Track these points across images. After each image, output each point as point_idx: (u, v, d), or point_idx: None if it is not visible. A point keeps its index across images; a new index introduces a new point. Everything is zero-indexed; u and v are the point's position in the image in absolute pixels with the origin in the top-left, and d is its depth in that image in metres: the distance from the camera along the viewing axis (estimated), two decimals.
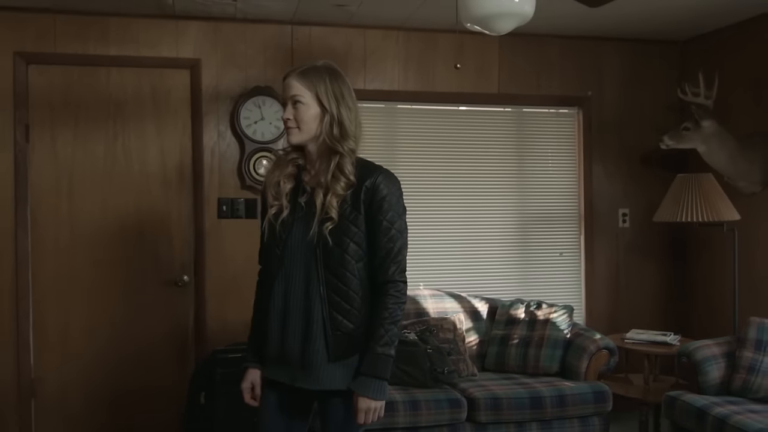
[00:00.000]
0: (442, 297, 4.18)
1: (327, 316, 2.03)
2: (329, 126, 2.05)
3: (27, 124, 3.89)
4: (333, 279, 2.03)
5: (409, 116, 4.48)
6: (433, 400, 3.44)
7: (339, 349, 2.03)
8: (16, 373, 3.84)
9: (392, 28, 4.37)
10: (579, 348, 3.82)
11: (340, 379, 2.05)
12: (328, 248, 2.03)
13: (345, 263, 2.03)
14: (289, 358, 2.07)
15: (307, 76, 2.06)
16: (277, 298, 2.08)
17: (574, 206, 4.70)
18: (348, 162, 2.05)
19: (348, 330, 2.04)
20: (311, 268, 2.05)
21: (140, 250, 4.03)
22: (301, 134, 2.07)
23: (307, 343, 2.04)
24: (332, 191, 2.03)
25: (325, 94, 2.05)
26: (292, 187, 2.12)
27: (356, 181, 2.05)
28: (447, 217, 4.49)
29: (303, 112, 2.05)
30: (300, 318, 2.05)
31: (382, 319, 2.03)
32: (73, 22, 3.93)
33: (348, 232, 2.03)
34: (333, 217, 2.01)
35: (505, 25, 2.45)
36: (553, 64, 4.62)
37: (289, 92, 2.06)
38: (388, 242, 2.05)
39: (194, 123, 4.11)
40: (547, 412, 3.53)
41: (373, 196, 2.04)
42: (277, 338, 2.08)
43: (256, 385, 2.20)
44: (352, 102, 2.11)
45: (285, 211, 2.09)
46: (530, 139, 4.65)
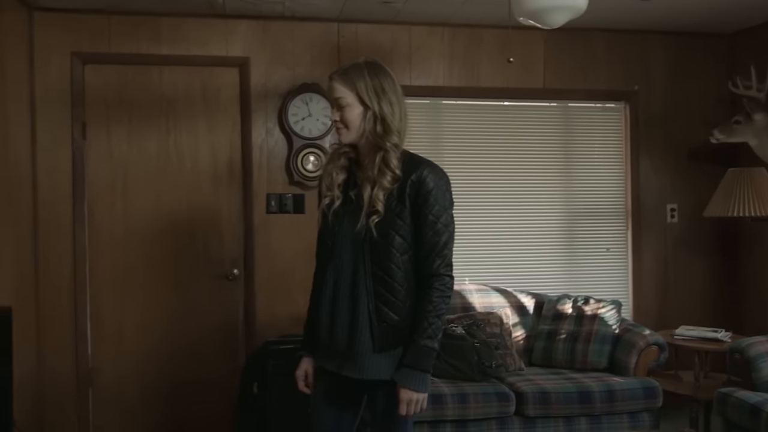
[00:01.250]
0: (488, 292, 4.19)
1: (372, 308, 2.07)
2: (372, 123, 2.09)
3: (84, 122, 4.01)
4: (379, 271, 2.07)
5: (455, 112, 4.50)
6: (482, 394, 3.45)
7: (384, 340, 2.07)
8: (75, 363, 3.97)
9: (437, 25, 4.38)
10: (628, 343, 3.80)
11: (384, 369, 2.09)
12: (374, 241, 2.07)
13: (390, 256, 2.07)
14: (336, 347, 2.12)
15: (347, 76, 2.10)
16: (327, 288, 2.14)
17: (621, 201, 4.66)
18: (393, 156, 2.08)
19: (393, 322, 2.07)
20: (358, 260, 2.09)
21: (192, 244, 4.13)
22: (350, 133, 2.12)
23: (354, 333, 2.08)
24: (379, 185, 2.06)
25: (366, 92, 2.08)
26: (344, 178, 2.18)
27: (402, 174, 2.08)
28: (493, 212, 4.49)
29: (348, 113, 2.10)
30: (347, 309, 2.10)
31: (426, 312, 2.06)
32: (127, 22, 4.04)
33: (394, 225, 2.07)
34: (379, 210, 2.05)
35: (558, 18, 2.46)
36: (598, 59, 4.59)
37: (333, 95, 2.12)
38: (433, 236, 2.07)
39: (243, 120, 4.18)
40: (596, 407, 3.51)
41: (419, 190, 2.06)
42: (326, 328, 2.14)
43: (309, 373, 2.27)
44: (394, 95, 2.12)
45: (337, 202, 2.16)
46: (576, 134, 4.62)
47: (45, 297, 3.93)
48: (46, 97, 3.95)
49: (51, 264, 3.95)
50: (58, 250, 3.96)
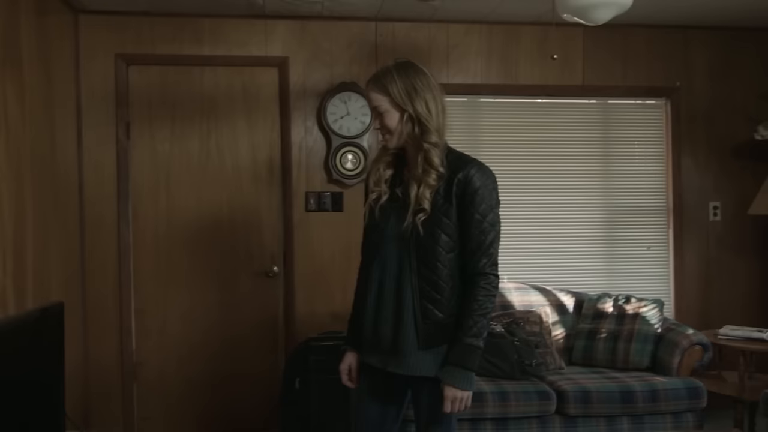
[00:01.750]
0: (527, 290, 4.17)
1: (417, 305, 2.07)
2: (410, 125, 2.10)
3: (128, 122, 4.09)
4: (424, 269, 2.08)
5: (492, 110, 4.49)
6: (522, 392, 3.44)
7: (428, 337, 2.08)
8: (120, 357, 4.06)
9: (475, 22, 4.38)
10: (671, 343, 3.75)
11: (429, 366, 2.09)
12: (420, 239, 2.07)
13: (436, 254, 2.07)
14: (381, 343, 2.14)
15: (379, 82, 2.12)
16: (373, 284, 2.16)
17: (662, 200, 4.60)
18: (434, 154, 2.08)
19: (437, 319, 2.08)
20: (404, 257, 2.10)
21: (233, 242, 4.18)
22: (394, 138, 2.14)
23: (398, 329, 2.10)
24: (424, 183, 2.07)
25: (399, 96, 2.09)
26: (391, 174, 2.21)
27: (448, 173, 2.08)
28: (531, 210, 4.47)
29: (387, 119, 2.12)
30: (392, 305, 2.12)
31: (471, 311, 2.05)
32: (169, 24, 4.11)
33: (440, 223, 2.07)
34: (426, 208, 2.06)
35: (604, 14, 2.44)
36: (639, 55, 4.53)
37: (371, 103, 2.15)
38: (479, 234, 2.07)
39: (283, 119, 4.23)
40: (638, 407, 3.47)
41: (465, 189, 2.07)
42: (370, 324, 2.17)
43: (353, 368, 2.29)
44: (429, 93, 2.11)
45: (384, 197, 2.18)
46: (616, 132, 4.58)
47: (91, 293, 4.03)
48: (91, 98, 4.05)
49: (96, 261, 4.04)
50: (104, 247, 4.05)
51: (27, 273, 3.17)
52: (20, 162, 3.14)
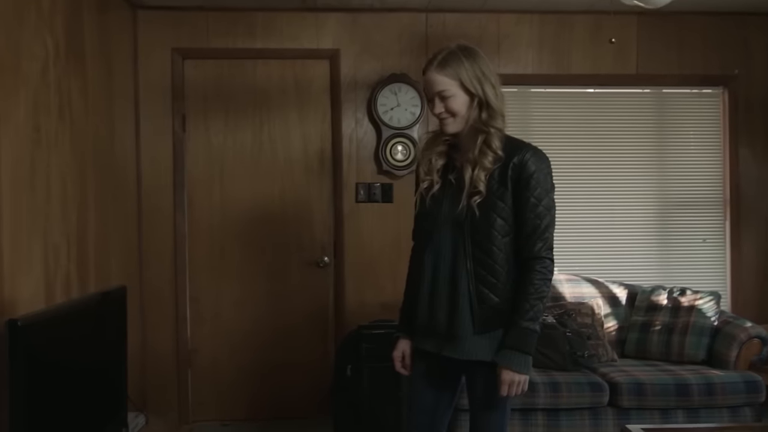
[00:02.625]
0: (579, 282, 4.13)
1: (473, 290, 2.07)
2: (478, 110, 2.09)
3: (184, 114, 4.19)
4: (479, 253, 2.07)
5: (544, 100, 4.45)
6: (574, 383, 3.41)
7: (484, 321, 2.08)
8: (175, 344, 4.16)
9: (526, 12, 4.34)
10: (728, 336, 3.66)
11: (485, 350, 2.09)
12: (475, 222, 2.07)
13: (492, 238, 2.06)
14: (436, 328, 2.14)
15: (447, 66, 2.08)
16: (426, 271, 2.16)
17: (719, 191, 4.49)
18: (495, 138, 2.08)
19: (493, 303, 2.07)
20: (458, 241, 2.10)
21: (284, 232, 4.25)
22: (456, 123, 2.11)
23: (454, 314, 2.09)
24: (480, 165, 2.06)
25: (469, 80, 2.07)
26: (443, 164, 2.19)
27: (504, 156, 2.07)
28: (583, 202, 4.42)
29: (453, 104, 2.08)
30: (447, 290, 2.11)
31: (527, 294, 2.05)
32: (224, 18, 4.19)
33: (495, 207, 2.07)
34: (481, 190, 2.05)
35: None
36: (695, 43, 4.43)
37: (434, 89, 2.09)
38: (534, 218, 2.07)
39: (333, 111, 4.27)
40: (694, 401, 3.41)
41: (521, 173, 2.06)
42: (425, 309, 2.16)
43: (406, 354, 2.29)
44: (493, 77, 2.12)
45: (435, 186, 2.16)
46: (671, 121, 4.48)
47: (148, 281, 4.14)
48: (148, 92, 4.16)
49: (153, 250, 4.16)
50: (160, 236, 4.16)
51: (89, 260, 3.28)
52: (83, 153, 3.25)
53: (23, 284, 2.60)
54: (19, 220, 2.59)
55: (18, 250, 2.57)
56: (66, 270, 3.00)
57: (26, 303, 2.57)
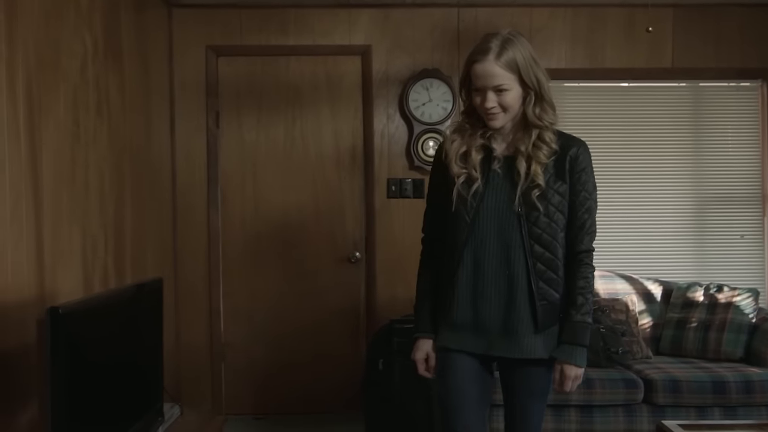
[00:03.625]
0: (613, 278, 4.09)
1: (534, 285, 2.01)
2: (532, 104, 2.00)
3: (217, 111, 4.25)
4: (539, 248, 2.02)
5: (577, 94, 4.41)
6: (608, 380, 3.38)
7: (546, 318, 2.03)
8: (209, 338, 4.22)
9: (559, 6, 4.31)
10: (767, 334, 3.59)
11: (542, 347, 2.05)
12: (533, 216, 2.01)
13: (552, 232, 2.03)
14: (485, 326, 2.06)
15: (505, 56, 1.95)
16: (466, 267, 2.06)
17: (757, 186, 4.41)
18: (549, 132, 2.03)
19: (554, 299, 2.04)
20: (513, 236, 2.02)
21: (317, 227, 4.28)
22: (506, 116, 2.02)
23: (511, 311, 2.03)
24: (535, 159, 2.00)
25: (527, 74, 1.97)
26: (482, 157, 2.08)
27: (559, 149, 2.04)
28: (618, 196, 4.36)
29: (507, 97, 1.98)
30: (500, 287, 2.04)
31: (580, 288, 2.04)
32: (256, 15, 4.23)
33: (554, 200, 2.03)
34: (540, 184, 2.00)
35: None
36: (732, 35, 4.35)
37: (492, 82, 1.96)
38: (584, 213, 2.07)
39: (365, 107, 4.29)
40: (731, 399, 3.36)
41: (575, 167, 2.05)
42: (468, 307, 2.07)
43: (430, 356, 2.18)
44: (541, 65, 2.03)
45: (477, 181, 2.05)
46: (707, 115, 4.41)
47: (182, 276, 4.20)
48: (183, 89, 4.22)
49: (188, 244, 4.22)
50: (194, 231, 4.22)
51: (126, 253, 3.35)
52: (120, 149, 3.31)
53: (63, 275, 2.66)
54: (59, 212, 2.65)
55: (58, 242, 2.63)
56: (104, 262, 3.06)
57: (66, 293, 2.63)
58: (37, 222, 2.47)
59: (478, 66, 1.97)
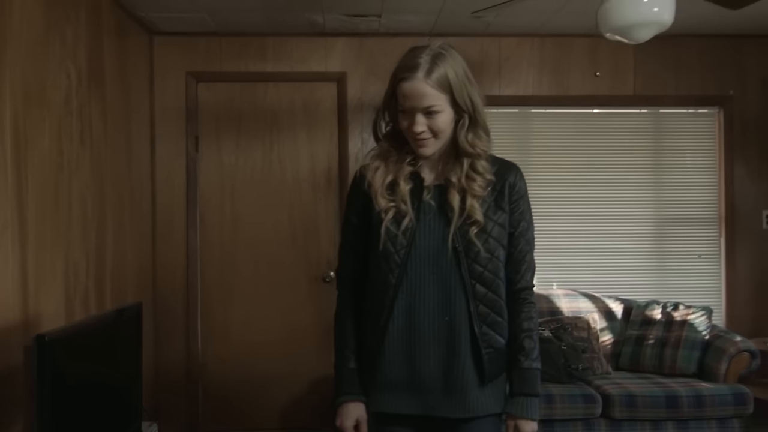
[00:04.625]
0: (576, 297, 4.27)
1: (478, 331, 1.77)
2: (465, 129, 1.76)
3: (197, 135, 4.39)
4: (481, 287, 1.78)
5: (544, 120, 4.61)
6: (568, 395, 3.56)
7: (493, 368, 1.79)
8: (187, 357, 4.34)
9: (527, 35, 4.51)
10: (718, 350, 3.80)
11: (492, 401, 1.81)
12: (473, 252, 1.76)
13: (494, 269, 1.79)
14: (423, 384, 1.79)
15: (436, 73, 1.71)
16: (397, 314, 1.78)
17: (714, 208, 4.62)
18: (483, 160, 1.79)
19: (500, 345, 1.81)
20: (451, 276, 1.77)
21: (292, 248, 4.43)
22: (437, 143, 1.78)
23: (452, 364, 1.77)
24: (470, 192, 1.77)
25: (461, 95, 1.73)
26: (410, 188, 1.81)
27: (496, 177, 1.81)
28: (581, 218, 4.55)
29: (438, 121, 1.73)
30: (438, 336, 1.78)
31: (528, 330, 1.82)
32: (236, 43, 4.39)
33: (494, 233, 1.79)
34: (479, 220, 1.76)
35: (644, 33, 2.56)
36: (691, 64, 4.58)
37: (421, 103, 1.71)
38: (525, 245, 1.85)
39: (340, 131, 4.45)
40: (683, 412, 3.55)
41: (513, 195, 1.82)
42: (400, 362, 1.79)
43: (361, 422, 1.85)
44: (475, 84, 1.79)
45: (408, 215, 1.78)
46: (667, 141, 4.63)
47: (161, 296, 4.33)
48: (164, 113, 4.36)
49: (167, 265, 4.35)
50: (174, 252, 4.35)
51: (106, 277, 3.47)
52: (102, 175, 3.45)
53: (46, 300, 2.79)
54: (43, 240, 2.78)
55: (42, 268, 2.76)
56: (85, 286, 3.19)
57: (49, 317, 2.76)
58: (22, 249, 2.60)
59: (406, 85, 1.72)
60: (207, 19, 4.08)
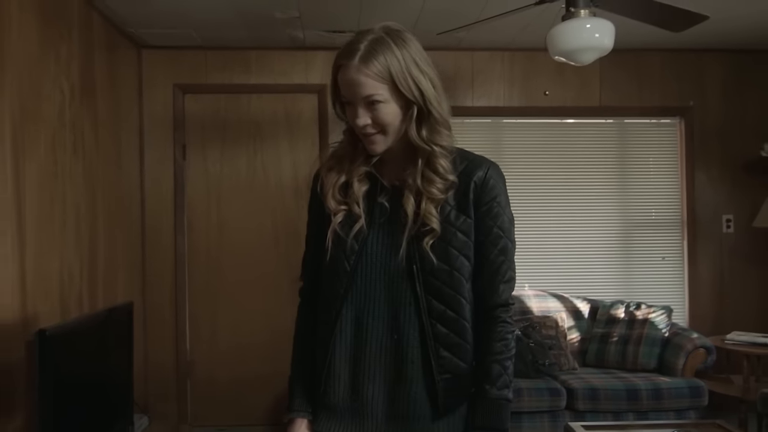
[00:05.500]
0: (546, 297, 4.51)
1: (433, 354, 1.54)
2: (414, 123, 1.52)
3: (184, 144, 4.59)
4: (438, 305, 1.55)
5: (515, 130, 4.85)
6: (535, 389, 3.79)
7: (450, 397, 1.56)
8: (176, 355, 4.54)
9: (498, 50, 4.75)
10: (676, 346, 4.04)
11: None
12: (428, 265, 1.54)
13: (454, 284, 1.55)
14: (367, 409, 1.58)
15: (373, 60, 1.47)
16: (343, 328, 1.59)
17: (677, 213, 4.88)
18: (442, 159, 1.55)
19: (459, 371, 1.56)
20: (402, 290, 1.56)
21: (276, 251, 4.63)
22: (387, 139, 1.55)
23: (399, 389, 1.56)
24: (427, 196, 1.53)
25: (405, 83, 1.48)
26: (366, 189, 1.61)
27: (461, 176, 1.56)
28: (552, 223, 4.80)
29: (382, 113, 1.51)
30: (384, 357, 1.56)
31: (496, 354, 1.55)
32: (221, 56, 4.60)
33: (455, 242, 1.55)
34: (434, 228, 1.53)
35: (587, 57, 2.80)
36: (654, 76, 4.84)
37: (360, 93, 1.49)
38: (498, 255, 1.57)
39: (321, 139, 4.66)
40: (642, 404, 3.78)
41: (482, 196, 1.56)
42: (343, 382, 1.59)
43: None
44: (432, 72, 1.54)
45: (360, 220, 1.58)
46: (632, 149, 4.88)
47: (151, 297, 4.52)
48: (152, 123, 4.56)
49: (156, 268, 4.54)
50: (162, 256, 4.55)
51: (98, 279, 3.66)
52: (94, 183, 3.64)
53: (43, 300, 2.98)
54: (40, 245, 2.97)
55: (39, 271, 2.95)
56: (79, 288, 3.38)
57: (46, 316, 2.95)
58: (20, 253, 2.80)
59: (342, 73, 1.52)
60: (193, 34, 4.29)
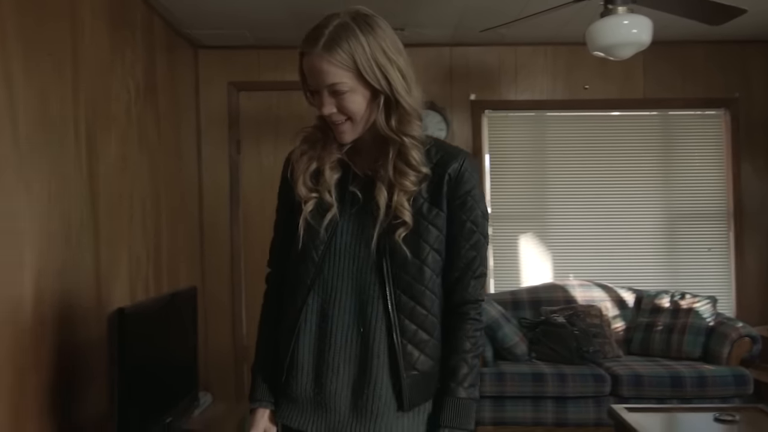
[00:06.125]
0: (591, 287, 4.58)
1: (399, 350, 1.50)
2: (382, 112, 1.50)
3: (238, 139, 4.81)
4: (407, 299, 1.51)
5: (559, 123, 4.92)
6: (579, 375, 3.88)
7: (415, 393, 1.52)
8: (233, 341, 4.76)
9: (541, 44, 4.83)
10: (721, 335, 4.08)
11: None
12: (399, 259, 1.50)
13: (424, 278, 1.52)
14: (328, 404, 1.54)
15: (336, 47, 1.44)
16: (308, 318, 1.55)
17: (723, 204, 4.89)
18: (414, 151, 1.51)
19: (426, 368, 1.53)
20: (370, 282, 1.52)
21: None
22: (356, 127, 1.53)
23: (364, 386, 1.52)
24: (399, 188, 1.50)
25: (369, 71, 1.46)
26: (338, 177, 1.59)
27: (435, 168, 1.53)
28: (597, 214, 4.86)
29: (347, 101, 1.48)
30: (349, 349, 1.53)
31: (464, 352, 1.53)
32: (273, 55, 4.79)
33: (427, 236, 1.52)
34: (407, 221, 1.50)
35: (626, 52, 2.89)
36: (697, 68, 4.86)
37: (323, 81, 1.47)
38: (470, 250, 1.55)
39: None
40: (687, 392, 3.85)
41: (457, 188, 1.53)
42: (306, 373, 1.55)
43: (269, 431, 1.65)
44: (402, 59, 1.51)
45: (332, 208, 1.56)
46: (676, 141, 4.92)
47: (209, 286, 4.74)
48: (208, 120, 4.78)
49: (213, 259, 4.76)
50: (219, 247, 4.77)
51: (163, 268, 3.90)
52: (157, 177, 3.87)
53: (114, 286, 3.21)
54: (112, 236, 3.20)
55: (111, 260, 3.18)
56: (145, 275, 3.61)
57: (117, 300, 3.18)
58: (95, 244, 3.03)
59: (305, 60, 1.51)
60: (246, 34, 4.49)
